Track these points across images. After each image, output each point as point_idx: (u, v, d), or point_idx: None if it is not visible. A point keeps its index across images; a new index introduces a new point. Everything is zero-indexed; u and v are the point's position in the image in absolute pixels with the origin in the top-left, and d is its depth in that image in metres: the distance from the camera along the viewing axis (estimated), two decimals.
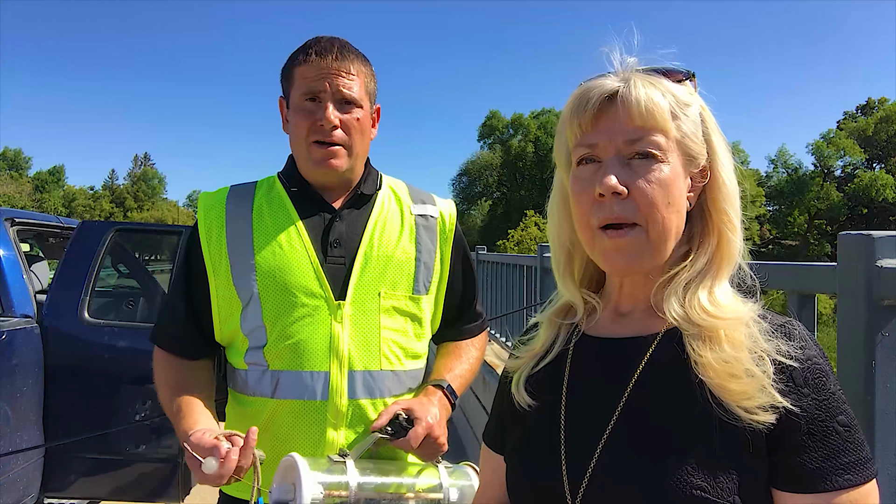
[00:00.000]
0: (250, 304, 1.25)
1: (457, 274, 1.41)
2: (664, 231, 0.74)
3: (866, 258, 1.20)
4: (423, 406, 1.24)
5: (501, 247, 32.58)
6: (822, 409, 0.69)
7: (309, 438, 1.23)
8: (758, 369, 0.70)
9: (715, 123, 0.80)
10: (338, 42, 1.30)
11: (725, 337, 0.72)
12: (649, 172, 0.73)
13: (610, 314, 0.85)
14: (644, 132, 0.73)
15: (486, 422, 1.00)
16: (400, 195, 1.40)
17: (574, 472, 0.76)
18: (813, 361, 0.71)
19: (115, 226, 3.60)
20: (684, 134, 0.76)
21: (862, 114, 53.25)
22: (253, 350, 1.27)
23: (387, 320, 1.28)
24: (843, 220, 46.97)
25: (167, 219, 58.00)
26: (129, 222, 4.16)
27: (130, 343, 3.23)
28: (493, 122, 59.36)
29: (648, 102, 0.73)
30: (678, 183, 0.75)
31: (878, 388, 1.19)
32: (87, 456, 3.19)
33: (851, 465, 0.68)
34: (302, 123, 1.28)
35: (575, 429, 0.79)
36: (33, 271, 4.02)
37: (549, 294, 0.90)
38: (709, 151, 0.78)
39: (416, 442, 1.18)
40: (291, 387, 1.24)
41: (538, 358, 0.87)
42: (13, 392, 2.95)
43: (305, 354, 1.23)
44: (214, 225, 1.30)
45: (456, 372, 1.39)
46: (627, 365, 0.77)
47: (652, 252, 0.75)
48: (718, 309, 0.74)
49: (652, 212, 0.73)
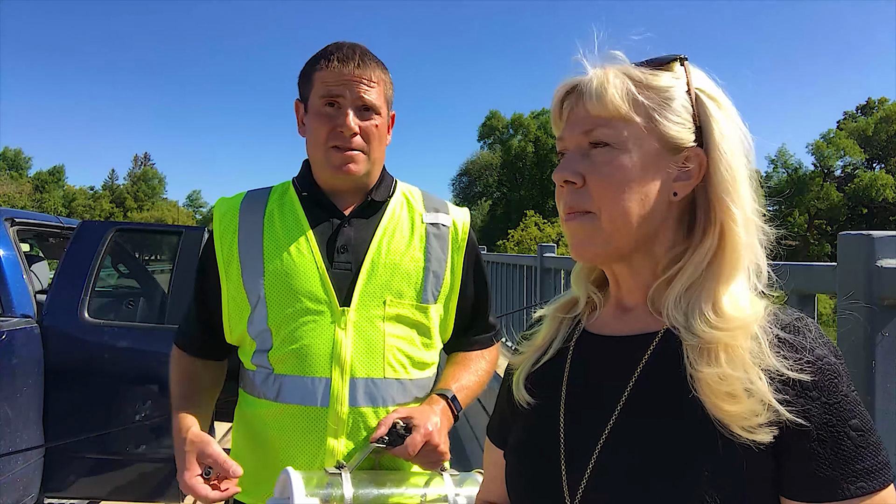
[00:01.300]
0: (257, 307, 1.26)
1: (468, 284, 1.40)
2: (619, 218, 0.74)
3: (866, 258, 1.20)
4: (423, 414, 1.22)
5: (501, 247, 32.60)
6: (833, 414, 0.65)
7: (309, 444, 1.23)
8: (759, 385, 0.66)
9: (718, 107, 0.75)
10: (359, 49, 1.31)
11: (725, 351, 0.68)
12: (603, 162, 0.73)
13: (612, 311, 0.83)
14: (598, 122, 0.74)
15: (491, 415, 0.99)
16: (413, 203, 1.40)
17: (573, 473, 0.75)
18: (824, 362, 0.67)
19: (115, 226, 3.60)
20: (656, 120, 0.73)
21: (862, 114, 53.27)
22: (259, 353, 1.28)
23: (392, 328, 1.27)
24: (843, 220, 46.98)
25: (167, 219, 58.04)
26: (129, 222, 4.16)
27: (130, 343, 3.23)
28: (493, 122, 59.39)
29: (601, 92, 0.73)
30: (641, 171, 0.73)
31: (878, 388, 1.19)
32: (87, 456, 3.19)
33: (865, 472, 0.65)
34: (321, 128, 1.28)
35: (574, 428, 0.78)
36: (33, 271, 4.02)
37: (550, 294, 0.90)
38: (705, 137, 0.74)
39: (415, 449, 1.16)
40: (293, 392, 1.24)
41: (539, 354, 0.87)
42: (13, 392, 2.96)
43: (308, 360, 1.23)
44: (228, 229, 1.32)
45: (462, 383, 1.37)
46: (627, 364, 0.75)
47: (605, 238, 0.75)
48: (721, 319, 0.70)
49: (604, 200, 0.74)
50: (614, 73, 0.74)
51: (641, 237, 0.75)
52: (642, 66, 0.75)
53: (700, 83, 0.76)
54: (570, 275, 4.88)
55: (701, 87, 0.75)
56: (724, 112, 0.75)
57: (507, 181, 57.59)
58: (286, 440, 1.24)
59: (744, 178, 0.74)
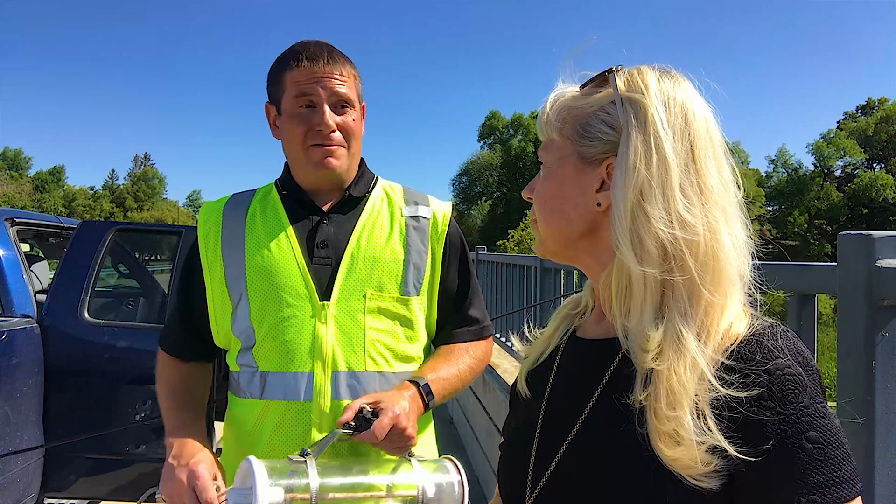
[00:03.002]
0: (240, 304, 1.28)
1: (450, 275, 1.39)
2: (545, 227, 0.81)
3: (866, 258, 1.20)
4: (390, 398, 1.18)
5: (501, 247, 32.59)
6: (788, 424, 0.62)
7: (293, 439, 1.23)
8: (700, 425, 0.62)
9: (643, 112, 0.70)
10: (325, 46, 1.32)
11: (665, 383, 0.64)
12: (538, 179, 0.82)
13: (596, 314, 0.84)
14: (543, 145, 0.81)
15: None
16: (393, 197, 1.40)
17: (537, 473, 0.77)
18: (784, 372, 0.63)
19: (115, 226, 3.61)
20: (575, 140, 0.76)
21: (862, 114, 53.28)
22: (244, 351, 1.29)
23: (373, 321, 1.28)
24: (843, 220, 46.99)
25: (167, 219, 58.01)
26: (129, 222, 4.16)
27: (130, 343, 3.24)
28: (493, 122, 59.42)
29: (540, 119, 0.81)
30: (560, 186, 0.78)
31: (877, 388, 1.19)
32: (87, 456, 3.20)
33: (819, 485, 0.61)
34: (298, 129, 1.29)
35: (548, 429, 0.79)
36: (33, 271, 4.02)
37: (550, 294, 0.91)
38: (620, 145, 0.72)
39: (382, 433, 1.11)
40: (277, 387, 1.25)
41: (543, 347, 0.89)
42: (13, 392, 2.96)
43: (290, 355, 1.24)
44: (212, 231, 1.34)
45: (440, 374, 1.33)
46: (599, 369, 0.75)
47: (543, 242, 0.83)
48: (650, 341, 0.66)
49: (538, 212, 0.82)
50: (552, 101, 0.80)
51: (568, 245, 0.80)
52: (583, 87, 0.78)
53: (631, 90, 0.72)
54: (569, 275, 4.85)
55: (630, 95, 0.72)
56: (651, 116, 0.70)
57: (507, 181, 57.58)
58: (271, 436, 1.25)
59: (666, 184, 0.68)
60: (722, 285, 0.68)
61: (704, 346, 0.66)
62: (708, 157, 0.71)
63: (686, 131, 0.70)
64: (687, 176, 0.69)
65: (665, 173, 0.69)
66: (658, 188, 0.68)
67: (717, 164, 0.71)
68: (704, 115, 0.72)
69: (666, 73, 0.74)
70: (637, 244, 0.68)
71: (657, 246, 0.68)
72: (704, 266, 0.68)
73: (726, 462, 0.62)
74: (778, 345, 0.66)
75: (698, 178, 0.69)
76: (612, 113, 0.73)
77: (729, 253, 0.69)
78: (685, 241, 0.67)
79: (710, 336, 0.67)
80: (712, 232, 0.68)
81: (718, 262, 0.68)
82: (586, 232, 0.77)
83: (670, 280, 0.68)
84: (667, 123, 0.70)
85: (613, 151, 0.72)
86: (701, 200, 0.69)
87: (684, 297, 0.68)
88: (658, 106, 0.70)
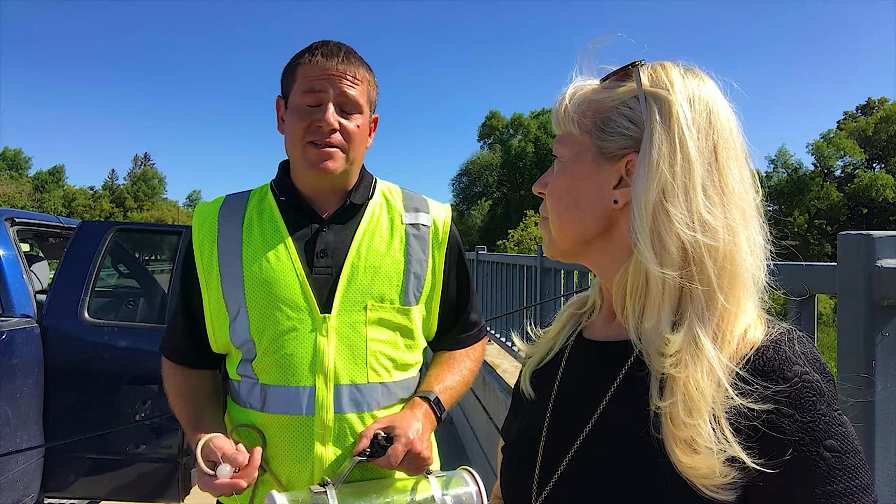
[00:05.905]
0: (238, 317, 1.25)
1: (450, 281, 1.39)
2: (557, 224, 0.78)
3: (866, 258, 1.20)
4: (404, 421, 1.20)
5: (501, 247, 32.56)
6: (807, 432, 0.61)
7: (296, 454, 1.22)
8: (718, 434, 0.61)
9: (668, 109, 0.69)
10: (344, 47, 1.30)
11: (683, 388, 0.63)
12: (552, 173, 0.79)
13: (604, 315, 0.82)
14: (558, 139, 0.78)
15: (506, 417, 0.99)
16: (392, 203, 1.37)
17: (544, 477, 0.75)
18: (802, 379, 0.62)
19: (115, 226, 3.60)
20: (595, 134, 0.73)
21: (862, 114, 53.23)
22: (244, 362, 1.27)
23: (374, 332, 1.26)
24: (843, 220, 46.95)
25: (167, 219, 58.00)
26: (129, 222, 4.15)
27: (130, 343, 3.24)
28: (493, 122, 59.35)
29: (556, 112, 0.78)
30: (576, 181, 0.75)
31: (878, 388, 1.19)
32: (87, 456, 3.20)
33: (837, 495, 0.60)
34: (299, 123, 1.25)
35: (555, 432, 0.77)
36: (33, 271, 4.02)
37: (550, 294, 0.91)
38: (643, 142, 0.70)
39: (396, 460, 1.14)
40: (279, 401, 1.23)
41: (548, 348, 0.87)
42: (13, 392, 2.96)
43: (291, 369, 1.22)
44: (207, 238, 1.30)
45: (446, 384, 1.35)
46: (610, 371, 0.73)
47: (552, 241, 0.79)
48: (670, 346, 0.65)
49: (550, 209, 0.78)
50: (570, 94, 0.77)
51: (581, 242, 0.76)
52: (603, 80, 0.76)
53: (656, 86, 0.71)
54: (569, 275, 4.85)
55: (655, 90, 0.70)
56: (675, 113, 0.69)
57: (507, 181, 57.53)
58: (273, 449, 1.23)
59: (689, 183, 0.67)
60: (737, 290, 0.67)
61: (720, 351, 0.65)
62: (730, 157, 0.69)
63: (710, 130, 0.69)
64: (710, 176, 0.68)
65: (688, 172, 0.67)
66: (681, 187, 0.67)
67: (739, 165, 0.70)
68: (728, 115, 0.71)
69: (690, 71, 0.73)
70: (658, 244, 0.67)
71: (678, 247, 0.66)
72: (722, 270, 0.66)
73: (744, 474, 0.62)
74: (796, 351, 0.65)
75: (720, 179, 0.68)
76: (635, 108, 0.71)
77: (746, 257, 0.68)
78: (705, 245, 0.66)
79: (726, 342, 0.66)
80: (732, 234, 0.67)
81: (735, 265, 0.67)
82: (601, 230, 0.74)
83: (688, 283, 0.67)
84: (691, 121, 0.69)
85: (634, 147, 0.71)
86: (722, 202, 0.68)
87: (702, 301, 0.66)
88: (683, 103, 0.69)
